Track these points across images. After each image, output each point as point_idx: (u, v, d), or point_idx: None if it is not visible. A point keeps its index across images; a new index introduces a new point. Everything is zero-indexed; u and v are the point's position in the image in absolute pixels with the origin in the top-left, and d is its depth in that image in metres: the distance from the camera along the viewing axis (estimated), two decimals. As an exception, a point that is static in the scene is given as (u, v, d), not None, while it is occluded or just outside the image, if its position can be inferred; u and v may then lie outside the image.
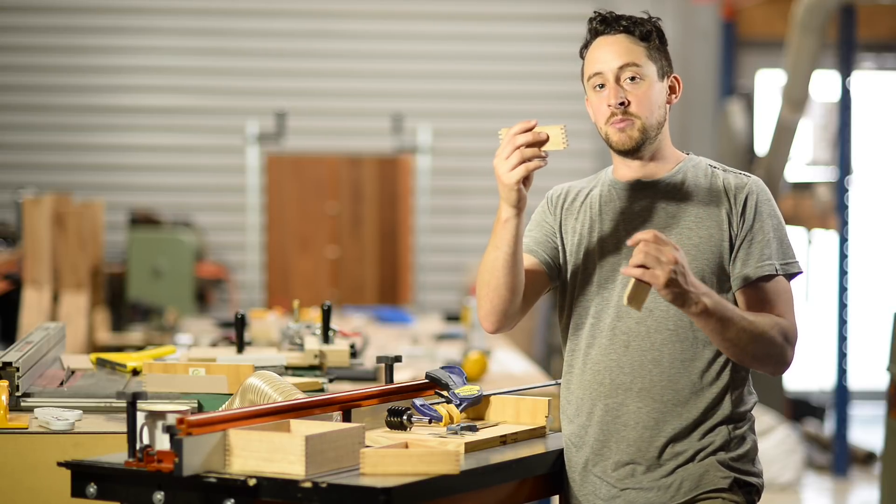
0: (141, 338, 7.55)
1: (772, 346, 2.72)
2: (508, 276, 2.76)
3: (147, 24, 9.67)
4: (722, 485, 2.74)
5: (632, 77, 2.79)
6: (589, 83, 2.84)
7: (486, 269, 2.78)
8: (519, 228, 2.74)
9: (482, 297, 2.81)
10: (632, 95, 2.78)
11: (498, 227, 2.76)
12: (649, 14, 2.85)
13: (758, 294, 2.76)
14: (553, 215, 2.92)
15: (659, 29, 2.85)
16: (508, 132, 2.71)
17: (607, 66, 2.80)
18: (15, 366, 3.17)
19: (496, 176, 2.71)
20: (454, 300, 9.29)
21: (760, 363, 2.74)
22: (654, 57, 2.82)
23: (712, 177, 2.84)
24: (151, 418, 2.40)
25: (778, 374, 2.80)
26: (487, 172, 10.87)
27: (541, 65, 9.69)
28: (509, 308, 2.80)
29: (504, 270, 2.76)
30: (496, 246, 2.76)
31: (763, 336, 2.69)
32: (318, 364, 3.55)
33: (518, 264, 2.77)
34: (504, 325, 2.83)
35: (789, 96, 7.80)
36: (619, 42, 2.81)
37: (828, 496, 7.29)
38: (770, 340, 2.71)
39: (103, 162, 9.65)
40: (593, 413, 2.80)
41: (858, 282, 8.67)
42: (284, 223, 8.69)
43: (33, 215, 6.81)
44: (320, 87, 9.70)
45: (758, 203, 2.79)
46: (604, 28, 2.83)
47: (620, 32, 2.82)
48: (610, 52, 2.80)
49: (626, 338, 2.78)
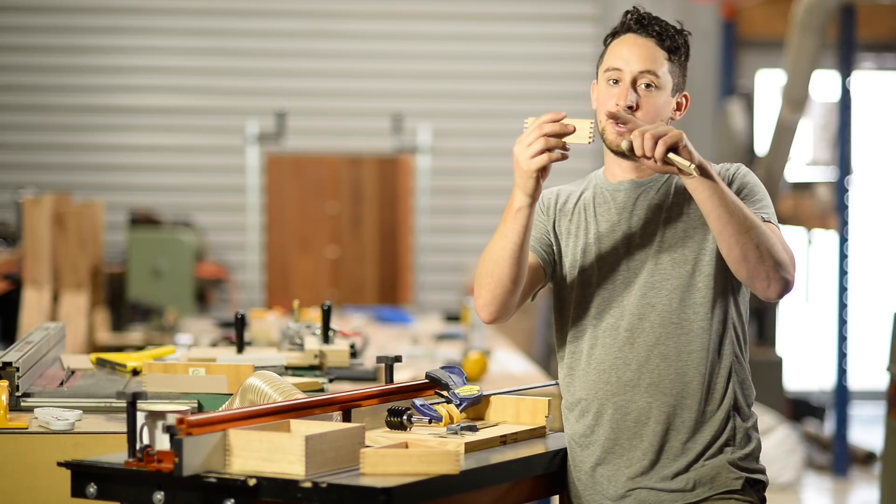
0: (141, 338, 7.55)
1: (772, 246, 2.66)
2: (514, 266, 2.74)
3: (147, 24, 9.67)
4: (735, 486, 2.76)
5: (647, 84, 2.79)
6: (605, 74, 2.83)
7: (492, 258, 2.75)
8: (530, 219, 2.71)
9: (483, 285, 2.77)
10: (643, 102, 2.78)
11: (508, 216, 2.72)
12: (682, 25, 2.85)
13: None
14: (546, 216, 2.92)
15: (688, 45, 2.85)
16: (536, 120, 2.68)
17: (628, 67, 2.79)
18: (15, 366, 3.16)
19: (515, 162, 2.66)
20: (454, 300, 9.29)
21: (761, 261, 2.66)
22: (673, 71, 2.82)
23: None
24: (151, 418, 2.40)
25: (779, 296, 2.71)
26: (487, 172, 10.93)
27: (541, 65, 9.69)
28: (510, 300, 2.78)
29: (510, 261, 2.73)
30: (504, 235, 2.72)
31: (763, 231, 2.66)
32: (318, 364, 3.55)
33: (524, 256, 2.74)
34: (502, 316, 2.81)
35: (789, 96, 7.80)
36: (646, 46, 2.80)
37: (828, 496, 7.29)
38: (770, 238, 2.66)
39: (103, 162, 9.65)
40: (602, 413, 2.81)
41: (858, 282, 8.67)
42: (284, 223, 8.69)
43: (33, 215, 6.81)
44: (320, 87, 9.70)
45: (744, 176, 2.81)
46: (637, 27, 2.82)
47: (651, 37, 2.81)
48: (635, 53, 2.80)
49: (631, 334, 2.79)
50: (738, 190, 2.78)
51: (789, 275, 2.69)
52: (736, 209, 2.64)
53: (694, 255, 2.78)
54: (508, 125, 9.69)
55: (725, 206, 2.64)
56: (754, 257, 2.66)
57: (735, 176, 2.81)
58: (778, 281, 2.68)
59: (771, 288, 2.69)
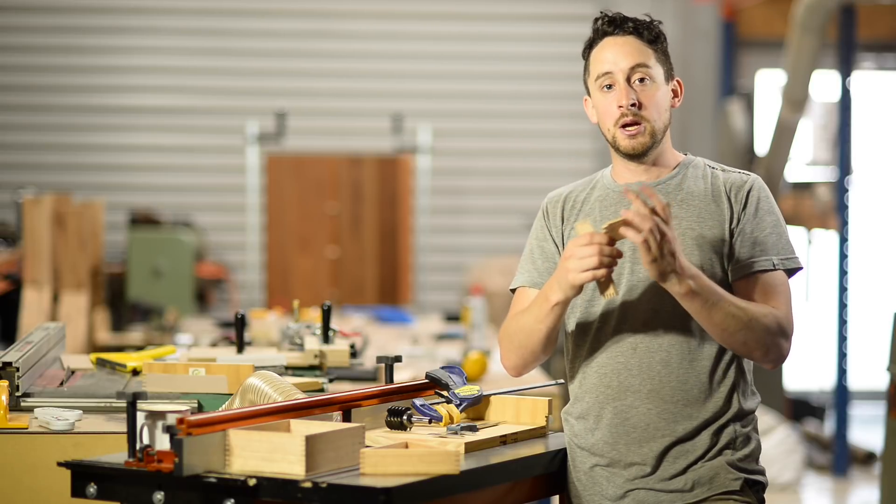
0: (141, 338, 7.54)
1: (764, 334, 2.70)
2: (546, 344, 2.81)
3: (147, 24, 9.66)
4: (734, 486, 2.76)
5: (641, 78, 2.79)
6: (596, 83, 2.83)
7: (524, 333, 2.80)
8: (564, 310, 2.75)
9: (512, 350, 2.84)
10: (643, 97, 2.78)
11: (545, 306, 2.74)
12: (651, 17, 2.86)
13: (755, 286, 2.76)
14: (554, 227, 2.91)
15: (663, 33, 2.86)
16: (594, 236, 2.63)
17: (617, 66, 2.79)
18: (15, 366, 3.16)
19: (563, 266, 2.67)
20: (454, 300, 9.29)
21: (753, 351, 2.72)
22: (661, 60, 2.82)
23: (712, 177, 2.84)
24: (151, 418, 2.40)
25: (774, 366, 2.77)
26: (487, 172, 10.91)
27: (541, 65, 9.69)
28: (537, 362, 2.87)
29: (544, 341, 2.80)
30: (539, 320, 2.76)
31: (754, 322, 2.68)
32: (318, 364, 3.55)
33: (556, 332, 2.79)
34: (529, 370, 2.90)
35: (789, 96, 7.80)
36: (628, 43, 2.80)
37: (828, 496, 7.29)
38: (763, 328, 2.69)
39: (103, 162, 9.65)
40: (602, 416, 2.81)
41: (858, 282, 8.67)
42: (284, 223, 8.69)
43: (33, 215, 6.81)
44: (320, 87, 9.70)
45: (758, 200, 2.80)
46: (612, 29, 2.82)
47: (629, 34, 2.81)
48: (620, 52, 2.79)
49: (634, 340, 2.78)
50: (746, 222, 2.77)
51: (784, 350, 2.75)
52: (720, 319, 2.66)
53: (700, 261, 2.77)
54: (508, 125, 9.69)
55: (710, 320, 2.67)
56: (745, 349, 2.73)
57: (748, 200, 2.80)
58: (770, 360, 2.75)
59: (764, 363, 2.77)
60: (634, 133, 2.78)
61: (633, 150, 2.80)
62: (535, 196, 9.32)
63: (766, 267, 2.76)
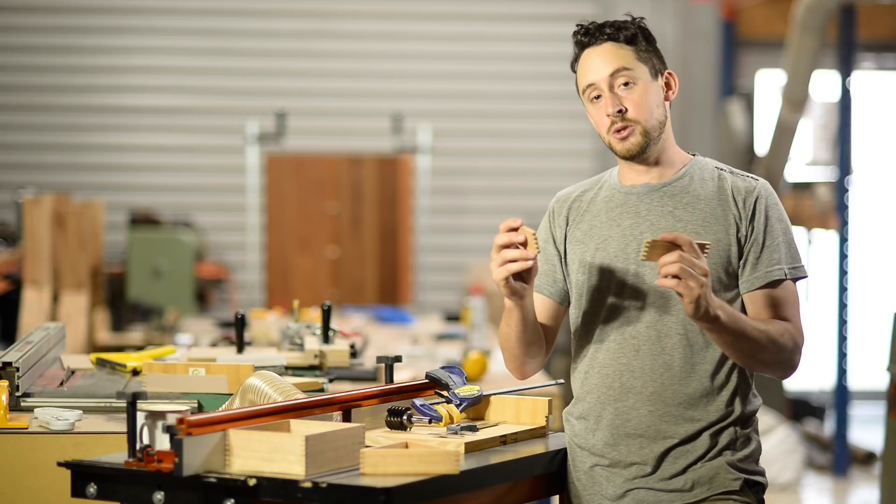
0: (141, 338, 7.55)
1: (782, 353, 2.74)
2: (523, 345, 2.85)
3: (147, 24, 9.67)
4: (733, 487, 2.76)
5: (625, 83, 2.80)
6: (585, 96, 2.86)
7: (505, 339, 2.87)
8: (524, 312, 2.79)
9: (506, 357, 2.92)
10: (628, 101, 2.79)
11: (505, 312, 2.83)
12: (632, 16, 2.86)
13: (766, 298, 2.77)
14: (558, 228, 2.92)
15: (644, 29, 2.85)
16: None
17: (599, 76, 2.81)
18: (15, 366, 3.16)
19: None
20: (454, 300, 9.29)
21: (770, 368, 2.77)
22: (643, 58, 2.82)
23: (719, 179, 2.83)
24: (151, 418, 2.40)
25: (785, 378, 2.82)
26: (487, 172, 10.91)
27: (541, 65, 9.69)
28: (534, 360, 2.90)
29: (519, 342, 2.84)
30: (507, 324, 2.84)
31: (773, 343, 2.72)
32: (318, 364, 3.55)
33: (530, 333, 2.83)
34: (534, 371, 2.94)
35: (789, 96, 7.80)
36: (606, 50, 2.82)
37: (828, 496, 7.29)
38: (780, 347, 2.73)
39: (103, 162, 9.65)
40: (602, 416, 2.81)
41: (858, 282, 8.67)
42: (284, 223, 8.69)
43: (33, 215, 6.81)
44: (320, 87, 9.70)
45: (767, 208, 2.79)
46: (588, 40, 2.85)
47: (606, 41, 2.83)
48: (599, 61, 2.82)
49: (637, 342, 2.79)
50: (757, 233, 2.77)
51: (797, 363, 2.79)
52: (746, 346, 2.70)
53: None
54: (508, 125, 9.69)
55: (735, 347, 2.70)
56: (762, 368, 2.77)
57: (756, 207, 2.79)
58: (782, 374, 2.80)
59: (776, 375, 2.81)
60: (626, 135, 2.79)
61: (629, 152, 2.80)
62: (535, 196, 9.34)
63: (778, 277, 2.76)
